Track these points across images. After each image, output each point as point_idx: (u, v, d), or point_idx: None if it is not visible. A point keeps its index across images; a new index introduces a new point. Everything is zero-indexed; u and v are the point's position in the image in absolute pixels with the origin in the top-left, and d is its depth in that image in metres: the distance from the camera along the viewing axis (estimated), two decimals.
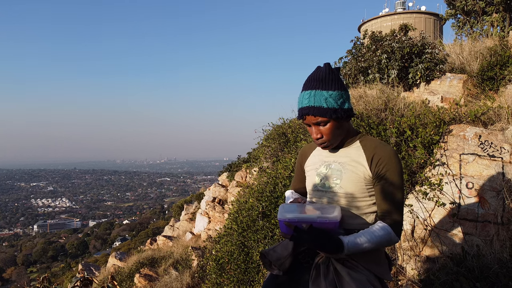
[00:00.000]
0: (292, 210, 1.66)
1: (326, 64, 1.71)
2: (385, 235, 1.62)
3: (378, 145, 1.74)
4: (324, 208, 1.68)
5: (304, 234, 1.56)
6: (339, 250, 1.56)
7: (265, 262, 1.86)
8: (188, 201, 19.88)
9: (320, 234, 1.55)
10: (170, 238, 11.35)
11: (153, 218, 64.75)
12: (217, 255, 4.99)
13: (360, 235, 1.62)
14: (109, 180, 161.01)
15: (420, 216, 3.43)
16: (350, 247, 1.57)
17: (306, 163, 1.97)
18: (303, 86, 1.72)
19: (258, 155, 6.65)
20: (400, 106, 4.51)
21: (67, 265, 45.72)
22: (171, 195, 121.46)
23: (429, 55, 6.00)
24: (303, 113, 1.69)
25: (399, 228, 1.67)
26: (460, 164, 3.45)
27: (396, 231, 1.65)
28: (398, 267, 3.38)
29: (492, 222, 3.15)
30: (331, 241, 1.56)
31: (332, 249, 1.56)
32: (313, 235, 1.55)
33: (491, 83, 5.67)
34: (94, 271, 10.60)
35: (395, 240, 1.65)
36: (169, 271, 7.54)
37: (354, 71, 6.40)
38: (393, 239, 1.63)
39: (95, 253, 50.61)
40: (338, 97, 1.66)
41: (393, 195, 1.67)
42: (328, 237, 1.56)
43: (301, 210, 1.68)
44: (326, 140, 1.73)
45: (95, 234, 67.45)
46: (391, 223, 1.65)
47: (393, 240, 1.64)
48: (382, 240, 1.61)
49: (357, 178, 1.72)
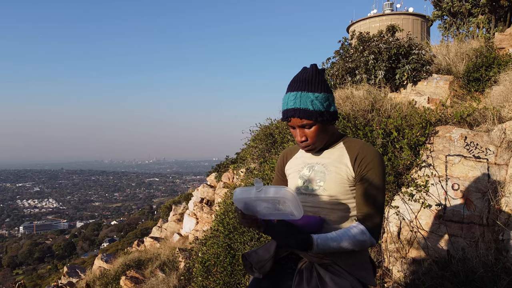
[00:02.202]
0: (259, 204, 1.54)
1: (312, 65, 1.67)
2: (361, 236, 1.58)
3: (362, 145, 1.70)
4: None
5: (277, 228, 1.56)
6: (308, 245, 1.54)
7: (246, 265, 1.82)
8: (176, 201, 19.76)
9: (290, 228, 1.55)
10: (158, 240, 11.25)
11: (141, 219, 64.24)
12: (203, 257, 4.93)
13: (332, 233, 1.59)
14: (97, 181, 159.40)
15: (406, 217, 3.41)
16: (320, 244, 1.54)
17: (287, 166, 1.93)
18: (289, 87, 1.67)
19: (245, 156, 6.61)
20: (387, 107, 4.50)
21: (54, 266, 45.13)
22: (160, 195, 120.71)
23: (416, 56, 6.02)
24: (288, 115, 1.64)
25: (378, 231, 1.63)
26: (446, 165, 3.44)
27: (374, 234, 1.61)
28: (384, 269, 3.36)
29: (478, 223, 3.15)
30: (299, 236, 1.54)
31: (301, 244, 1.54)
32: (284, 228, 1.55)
33: (477, 84, 5.71)
34: (80, 273, 10.45)
35: (371, 243, 1.61)
36: (156, 273, 7.45)
37: (341, 71, 6.40)
38: (368, 241, 1.59)
39: (83, 255, 50.04)
40: (324, 99, 1.62)
41: (374, 197, 1.63)
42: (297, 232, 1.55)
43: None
44: (311, 143, 1.69)
45: (82, 235, 66.67)
46: (371, 226, 1.61)
47: (369, 243, 1.60)
48: (356, 241, 1.57)
49: (341, 179, 1.68)
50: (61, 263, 44.59)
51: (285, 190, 1.42)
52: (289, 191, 1.43)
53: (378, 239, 1.64)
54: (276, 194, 1.43)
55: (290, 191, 1.43)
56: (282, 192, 1.43)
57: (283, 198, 1.43)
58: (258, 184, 1.46)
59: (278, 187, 1.45)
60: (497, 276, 2.16)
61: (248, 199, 1.49)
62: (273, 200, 1.46)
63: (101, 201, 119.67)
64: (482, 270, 2.25)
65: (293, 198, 1.43)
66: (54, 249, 60.16)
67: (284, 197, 1.43)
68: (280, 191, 1.43)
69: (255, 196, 1.46)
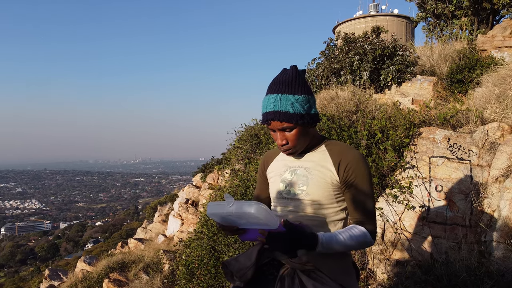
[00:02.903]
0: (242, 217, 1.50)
1: (292, 66, 1.63)
2: (362, 235, 1.56)
3: (345, 149, 1.67)
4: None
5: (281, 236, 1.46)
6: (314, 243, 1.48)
7: (226, 273, 1.77)
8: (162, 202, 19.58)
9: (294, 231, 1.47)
10: (142, 241, 11.09)
11: (127, 219, 63.59)
12: (187, 260, 4.86)
13: (335, 232, 1.56)
14: (81, 181, 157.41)
15: (390, 219, 3.41)
16: (325, 242, 1.50)
17: (268, 169, 1.88)
18: (268, 89, 1.62)
19: (230, 157, 6.55)
20: (372, 108, 4.50)
21: (37, 269, 44.33)
22: (145, 195, 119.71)
23: (401, 57, 6.05)
24: (268, 118, 1.60)
25: (373, 234, 1.62)
26: (430, 167, 3.45)
27: (373, 236, 1.61)
28: (369, 271, 3.35)
29: (460, 225, 3.16)
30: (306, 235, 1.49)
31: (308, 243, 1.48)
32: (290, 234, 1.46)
33: (460, 86, 5.76)
34: (62, 276, 10.25)
35: (370, 244, 1.60)
36: (140, 276, 7.34)
37: (326, 72, 6.39)
38: (368, 242, 1.58)
39: (66, 256, 49.31)
40: (305, 102, 1.58)
41: (364, 204, 1.61)
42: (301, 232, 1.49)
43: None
44: (292, 146, 1.64)
45: (66, 236, 65.68)
46: (369, 229, 1.61)
47: (369, 243, 1.59)
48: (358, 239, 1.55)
49: (324, 183, 1.64)
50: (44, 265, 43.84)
51: (254, 206, 1.39)
52: (258, 207, 1.39)
53: (375, 240, 1.63)
54: (246, 210, 1.41)
55: (259, 207, 1.39)
56: (252, 208, 1.39)
57: (253, 214, 1.40)
58: (229, 200, 1.43)
59: (248, 203, 1.41)
60: (480, 280, 2.15)
61: (221, 215, 1.47)
62: (245, 215, 1.43)
63: (86, 202, 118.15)
64: (465, 274, 2.24)
65: (263, 213, 1.40)
66: (37, 251, 59.11)
67: (254, 213, 1.40)
68: (250, 207, 1.40)
69: (227, 212, 1.44)
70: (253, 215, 1.40)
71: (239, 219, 1.47)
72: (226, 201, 1.43)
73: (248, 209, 1.40)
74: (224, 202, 1.45)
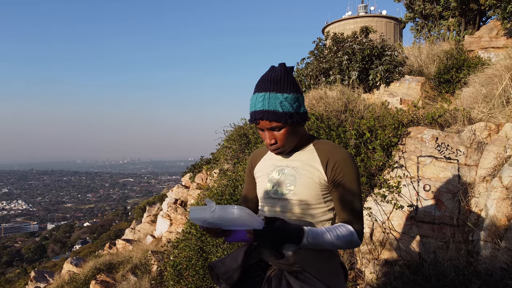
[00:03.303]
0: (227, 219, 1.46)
1: (281, 64, 1.60)
2: (349, 237, 1.54)
3: (333, 148, 1.65)
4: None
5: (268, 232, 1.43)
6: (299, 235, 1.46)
7: (212, 276, 1.73)
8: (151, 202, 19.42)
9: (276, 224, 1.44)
10: (130, 242, 10.98)
11: (115, 220, 63.02)
12: (175, 260, 4.81)
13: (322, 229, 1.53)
14: (69, 181, 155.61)
15: (379, 219, 3.40)
16: (311, 236, 1.47)
17: (256, 169, 1.85)
18: (256, 87, 1.59)
19: (219, 157, 6.50)
20: (360, 107, 4.50)
21: (23, 270, 43.65)
22: (134, 196, 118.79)
23: (389, 57, 6.07)
24: (256, 117, 1.56)
25: (360, 235, 1.60)
26: (418, 166, 3.45)
27: (360, 237, 1.59)
28: (357, 271, 3.34)
29: (448, 224, 3.17)
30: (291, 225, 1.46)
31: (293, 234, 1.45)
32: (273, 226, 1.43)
33: (448, 86, 5.80)
34: (48, 278, 10.10)
35: (357, 244, 1.58)
36: (127, 277, 7.26)
37: (315, 72, 6.38)
38: (355, 242, 1.56)
39: (54, 257, 48.67)
40: (294, 100, 1.55)
41: (352, 203, 1.59)
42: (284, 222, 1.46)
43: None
44: (280, 146, 1.61)
45: (53, 237, 64.84)
46: (356, 229, 1.58)
47: (355, 243, 1.56)
48: (345, 238, 1.53)
49: (312, 183, 1.62)
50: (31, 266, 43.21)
51: (236, 211, 1.36)
52: (240, 211, 1.35)
53: (361, 241, 1.61)
54: (228, 216, 1.38)
55: (241, 211, 1.35)
56: (234, 213, 1.36)
57: (236, 218, 1.38)
58: (210, 205, 1.40)
59: (230, 207, 1.38)
60: (468, 280, 2.15)
61: (203, 219, 1.44)
62: (228, 219, 1.40)
63: (74, 202, 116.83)
64: (453, 273, 2.24)
65: (245, 216, 1.37)
66: (24, 252, 58.24)
67: (237, 217, 1.37)
68: (232, 212, 1.37)
69: (209, 216, 1.40)
70: (236, 219, 1.38)
71: (223, 222, 1.44)
72: (208, 206, 1.40)
73: (230, 215, 1.37)
74: (206, 206, 1.41)
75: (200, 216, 1.44)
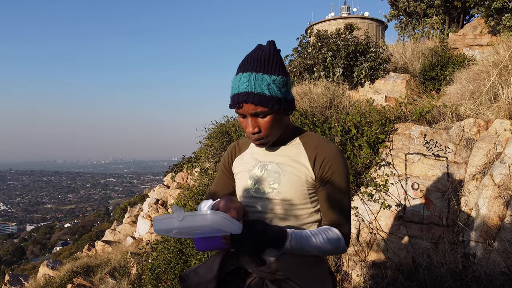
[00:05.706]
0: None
1: (270, 41, 1.38)
2: (336, 240, 1.38)
3: (321, 142, 1.47)
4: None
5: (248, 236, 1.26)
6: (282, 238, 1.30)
7: (184, 287, 1.54)
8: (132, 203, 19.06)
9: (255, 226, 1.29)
10: (110, 243, 10.67)
11: (97, 221, 61.93)
12: (153, 263, 4.60)
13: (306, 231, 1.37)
14: (49, 182, 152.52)
15: (366, 219, 3.26)
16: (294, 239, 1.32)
17: (235, 163, 1.66)
18: (240, 67, 1.37)
19: (200, 155, 6.30)
20: (345, 104, 4.37)
21: (1, 273, 42.55)
22: (116, 196, 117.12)
23: (374, 54, 5.96)
24: (239, 101, 1.33)
25: (347, 239, 1.44)
26: (406, 164, 3.33)
27: (347, 242, 1.43)
28: (343, 274, 3.19)
29: (437, 224, 3.04)
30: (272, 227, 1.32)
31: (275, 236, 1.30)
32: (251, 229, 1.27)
33: (433, 83, 5.73)
34: (23, 282, 9.71)
35: (343, 250, 1.41)
36: (106, 280, 7.01)
37: (299, 68, 6.24)
38: (341, 248, 1.39)
39: (33, 259, 47.56)
40: (283, 84, 1.35)
41: (340, 203, 1.43)
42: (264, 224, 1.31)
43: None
44: (264, 135, 1.41)
45: (33, 238, 63.40)
46: (343, 233, 1.42)
47: (341, 249, 1.40)
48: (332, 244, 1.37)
49: (298, 181, 1.44)
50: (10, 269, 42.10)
51: (210, 217, 1.17)
52: (214, 217, 1.17)
53: (348, 246, 1.45)
54: (201, 223, 1.19)
55: (216, 217, 1.17)
56: (207, 219, 1.17)
57: (210, 226, 1.18)
58: (179, 213, 1.19)
59: (202, 214, 1.19)
60: (466, 286, 2.01)
61: (171, 230, 1.24)
62: (200, 227, 1.21)
63: (54, 203, 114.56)
64: (450, 279, 2.09)
65: (221, 222, 1.18)
66: (2, 254, 56.75)
67: (211, 225, 1.18)
68: (205, 219, 1.18)
69: (178, 226, 1.20)
70: (210, 227, 1.18)
71: (194, 231, 1.24)
72: (176, 214, 1.19)
73: (203, 222, 1.17)
74: (173, 215, 1.20)
75: (167, 227, 1.23)
